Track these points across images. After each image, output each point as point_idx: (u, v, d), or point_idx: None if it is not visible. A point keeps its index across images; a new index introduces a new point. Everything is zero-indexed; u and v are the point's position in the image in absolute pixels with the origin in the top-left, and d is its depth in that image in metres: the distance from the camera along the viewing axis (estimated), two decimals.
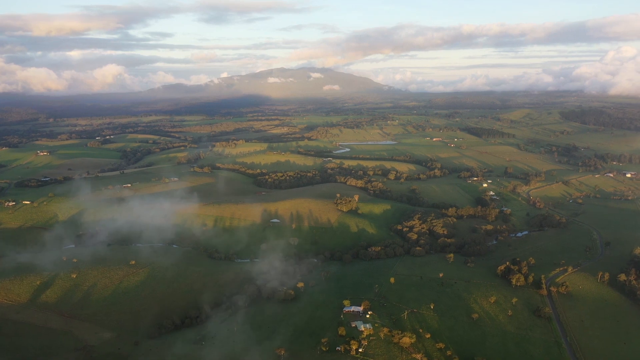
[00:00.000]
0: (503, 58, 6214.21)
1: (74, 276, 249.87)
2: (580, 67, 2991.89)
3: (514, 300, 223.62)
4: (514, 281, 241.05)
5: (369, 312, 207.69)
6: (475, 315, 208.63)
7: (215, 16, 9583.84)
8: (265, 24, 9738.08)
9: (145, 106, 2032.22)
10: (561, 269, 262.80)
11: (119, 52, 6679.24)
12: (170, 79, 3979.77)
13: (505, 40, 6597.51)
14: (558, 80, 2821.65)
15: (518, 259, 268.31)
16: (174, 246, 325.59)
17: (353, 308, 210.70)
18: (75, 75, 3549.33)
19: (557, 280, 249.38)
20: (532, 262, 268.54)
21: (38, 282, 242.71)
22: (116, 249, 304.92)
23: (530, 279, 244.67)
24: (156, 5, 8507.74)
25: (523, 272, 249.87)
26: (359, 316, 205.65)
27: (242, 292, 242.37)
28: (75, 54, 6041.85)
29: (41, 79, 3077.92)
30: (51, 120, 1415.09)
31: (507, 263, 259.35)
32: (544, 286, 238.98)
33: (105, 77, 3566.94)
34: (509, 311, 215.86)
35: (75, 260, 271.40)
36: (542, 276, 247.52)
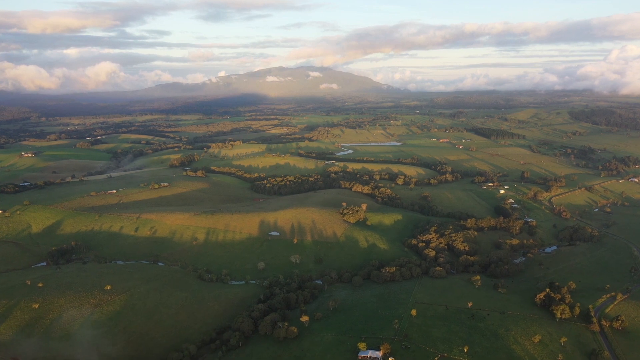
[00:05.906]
0: (503, 57, 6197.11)
1: (36, 306, 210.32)
2: (584, 66, 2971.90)
3: (563, 340, 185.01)
4: (558, 313, 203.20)
5: (390, 359, 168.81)
6: None
7: (213, 14, 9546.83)
8: (265, 21, 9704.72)
9: (141, 105, 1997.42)
10: (608, 295, 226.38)
11: (117, 51, 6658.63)
12: (167, 78, 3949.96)
13: (508, 39, 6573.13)
14: (563, 79, 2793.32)
15: (557, 284, 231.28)
16: (160, 264, 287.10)
17: (370, 353, 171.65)
18: (67, 73, 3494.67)
19: (607, 311, 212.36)
20: (572, 287, 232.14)
21: None
22: (92, 269, 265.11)
23: (577, 310, 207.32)
24: (153, 3, 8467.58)
25: (567, 301, 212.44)
26: None
27: (235, 326, 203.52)
28: (72, 52, 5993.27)
29: (31, 77, 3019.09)
30: (43, 119, 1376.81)
31: (547, 290, 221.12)
32: (594, 320, 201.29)
33: (98, 75, 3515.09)
34: (559, 355, 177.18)
35: (40, 284, 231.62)
36: (590, 307, 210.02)
